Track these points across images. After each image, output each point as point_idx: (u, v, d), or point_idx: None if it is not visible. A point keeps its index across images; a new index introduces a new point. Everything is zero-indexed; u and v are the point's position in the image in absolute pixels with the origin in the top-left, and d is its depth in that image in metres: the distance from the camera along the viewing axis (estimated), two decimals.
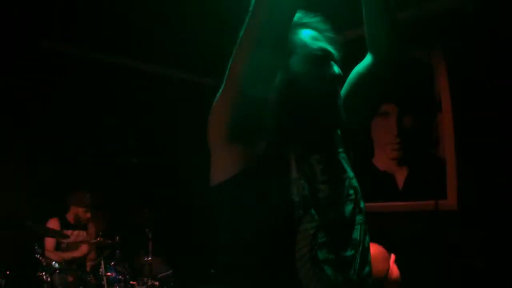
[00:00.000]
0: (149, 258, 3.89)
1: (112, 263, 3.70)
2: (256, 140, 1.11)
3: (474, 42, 3.44)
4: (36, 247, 3.60)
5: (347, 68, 1.34)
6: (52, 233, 3.80)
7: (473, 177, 3.43)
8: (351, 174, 1.24)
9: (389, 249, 2.01)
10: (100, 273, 3.52)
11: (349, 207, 1.19)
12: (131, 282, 3.65)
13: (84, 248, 4.15)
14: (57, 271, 3.52)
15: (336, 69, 1.19)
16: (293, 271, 1.08)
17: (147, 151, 4.78)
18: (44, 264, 3.51)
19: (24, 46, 4.22)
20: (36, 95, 4.28)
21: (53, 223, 4.11)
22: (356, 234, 1.18)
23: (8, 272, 3.44)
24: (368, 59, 1.35)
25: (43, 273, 3.42)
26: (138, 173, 4.54)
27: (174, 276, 4.03)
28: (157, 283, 3.71)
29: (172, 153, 4.94)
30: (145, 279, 3.71)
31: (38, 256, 3.54)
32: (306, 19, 1.24)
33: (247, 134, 1.10)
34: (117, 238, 3.77)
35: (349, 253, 1.15)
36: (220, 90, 1.11)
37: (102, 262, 3.48)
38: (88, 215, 4.21)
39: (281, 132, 1.16)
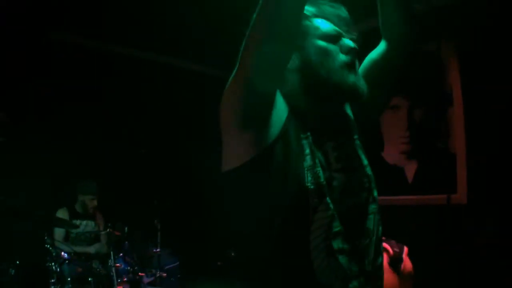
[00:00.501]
0: (158, 250, 3.90)
1: (121, 254, 3.72)
2: (268, 127, 1.10)
3: (485, 35, 3.40)
4: (46, 237, 3.63)
5: (360, 59, 1.31)
6: (61, 222, 3.82)
7: (484, 171, 3.41)
8: (365, 162, 1.23)
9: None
10: (109, 264, 3.54)
11: (363, 196, 1.18)
12: (139, 274, 3.68)
13: (96, 246, 4.15)
14: (66, 261, 3.54)
15: (350, 42, 1.18)
16: (307, 261, 1.07)
17: (156, 142, 4.77)
18: (54, 254, 3.53)
19: (33, 37, 4.20)
20: (44, 86, 4.26)
21: (62, 213, 4.14)
22: (370, 224, 1.17)
23: (18, 262, 3.48)
24: (382, 46, 1.35)
25: (52, 264, 3.45)
26: (148, 164, 4.55)
27: (181, 268, 4.06)
28: (165, 274, 3.73)
29: (182, 144, 4.94)
30: (153, 271, 3.74)
31: (48, 246, 3.57)
32: (319, 1, 1.23)
33: (259, 121, 1.09)
34: (126, 229, 3.79)
35: (363, 242, 1.14)
36: (231, 78, 1.10)
37: (112, 253, 3.50)
38: (95, 202, 4.23)
39: (295, 118, 1.15)
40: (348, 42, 1.18)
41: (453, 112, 3.59)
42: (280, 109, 1.13)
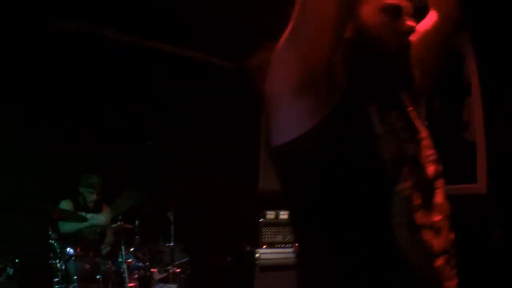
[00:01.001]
0: (171, 244, 3.59)
1: (132, 249, 3.41)
2: (327, 94, 1.00)
3: (502, 24, 3.38)
4: (50, 232, 3.38)
5: None
6: (68, 215, 3.49)
7: (503, 161, 3.38)
8: (426, 133, 1.15)
9: None
10: (119, 260, 3.29)
11: (431, 169, 1.09)
12: (151, 270, 3.39)
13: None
14: (73, 258, 3.28)
15: (410, 21, 1.10)
16: (391, 238, 0.97)
17: (167, 131, 4.57)
18: (58, 251, 3.29)
19: (34, 25, 3.98)
20: (47, 77, 4.04)
21: (66, 204, 3.82)
22: (440, 198, 1.08)
23: (17, 260, 3.22)
24: (431, 17, 1.28)
25: (57, 261, 3.21)
26: (160, 154, 4.36)
27: (190, 263, 3.83)
28: (178, 270, 3.51)
29: (195, 133, 4.76)
30: (167, 267, 3.51)
31: (52, 242, 3.32)
32: None
33: (317, 88, 0.99)
34: (136, 222, 3.49)
35: (438, 217, 1.05)
36: (281, 45, 1.01)
37: (123, 248, 3.22)
38: (94, 197, 3.93)
39: (357, 85, 1.06)
40: (408, 21, 1.09)
41: (471, 102, 3.57)
42: (337, 77, 1.04)
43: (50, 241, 3.32)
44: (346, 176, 0.98)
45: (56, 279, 3.20)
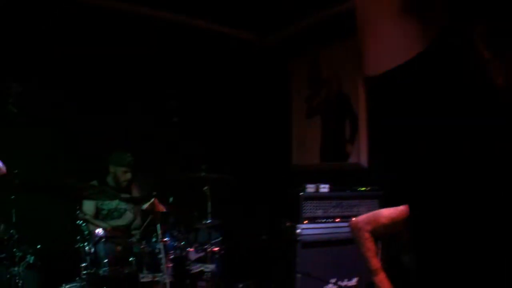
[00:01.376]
0: (208, 221, 3.28)
1: (166, 227, 3.09)
2: (434, 15, 0.92)
3: None
4: (78, 213, 3.08)
5: None
6: (100, 191, 3.13)
7: None
8: None
9: None
10: (154, 240, 3.01)
11: None
12: (188, 249, 3.08)
13: (128, 215, 3.63)
14: (103, 239, 3.00)
15: None
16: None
17: (204, 106, 4.35)
18: (86, 233, 3.00)
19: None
20: (75, 54, 3.86)
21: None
22: None
23: (39, 246, 2.93)
24: None
25: (85, 244, 2.92)
26: (196, 129, 4.09)
27: (223, 242, 3.57)
28: (216, 248, 3.24)
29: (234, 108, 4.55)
30: (204, 246, 3.20)
31: (81, 222, 3.03)
32: None
33: (424, 8, 0.92)
34: (170, 199, 3.19)
35: None
36: None
37: (158, 226, 2.91)
38: (128, 176, 3.61)
39: (461, 8, 0.95)
40: None
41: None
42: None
43: (78, 222, 3.02)
44: (455, 106, 0.89)
45: (84, 264, 2.87)
